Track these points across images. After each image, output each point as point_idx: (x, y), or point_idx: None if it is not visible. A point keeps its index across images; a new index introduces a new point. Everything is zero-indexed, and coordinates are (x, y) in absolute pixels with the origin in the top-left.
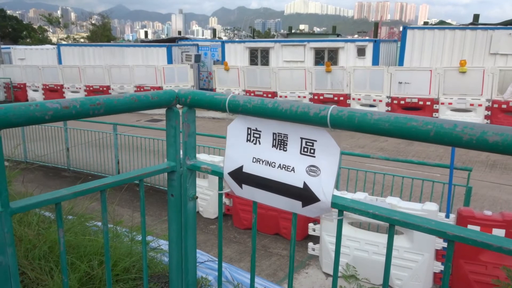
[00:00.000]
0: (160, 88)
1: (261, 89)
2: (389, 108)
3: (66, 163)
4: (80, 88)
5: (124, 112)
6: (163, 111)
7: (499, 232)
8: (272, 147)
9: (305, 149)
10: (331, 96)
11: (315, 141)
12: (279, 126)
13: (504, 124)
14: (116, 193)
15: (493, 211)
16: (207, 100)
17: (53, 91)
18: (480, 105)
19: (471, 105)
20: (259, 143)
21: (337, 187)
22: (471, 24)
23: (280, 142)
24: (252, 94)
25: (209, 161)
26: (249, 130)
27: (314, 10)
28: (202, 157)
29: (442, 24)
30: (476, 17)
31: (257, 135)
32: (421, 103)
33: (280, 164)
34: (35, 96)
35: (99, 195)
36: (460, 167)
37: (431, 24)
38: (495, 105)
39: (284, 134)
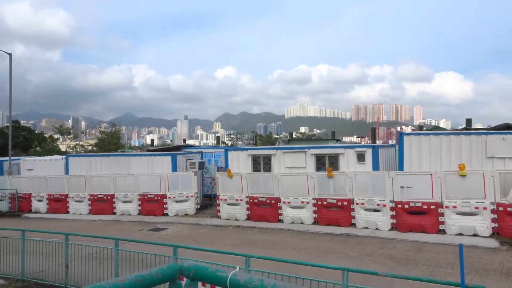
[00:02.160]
0: (164, 195)
1: (264, 195)
2: (394, 213)
3: (64, 280)
4: (84, 197)
5: None
6: (165, 219)
7: None
8: None
9: None
10: (335, 201)
11: None
12: None
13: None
14: None
15: None
16: (210, 276)
17: (58, 200)
18: (485, 208)
19: (476, 208)
20: None
21: None
22: (464, 129)
23: None
24: (256, 200)
25: None
26: None
27: (313, 113)
28: None
29: (436, 130)
30: (469, 121)
31: None
32: (425, 207)
33: None
34: (39, 206)
35: None
36: (472, 285)
37: (426, 129)
38: (500, 208)
39: None
